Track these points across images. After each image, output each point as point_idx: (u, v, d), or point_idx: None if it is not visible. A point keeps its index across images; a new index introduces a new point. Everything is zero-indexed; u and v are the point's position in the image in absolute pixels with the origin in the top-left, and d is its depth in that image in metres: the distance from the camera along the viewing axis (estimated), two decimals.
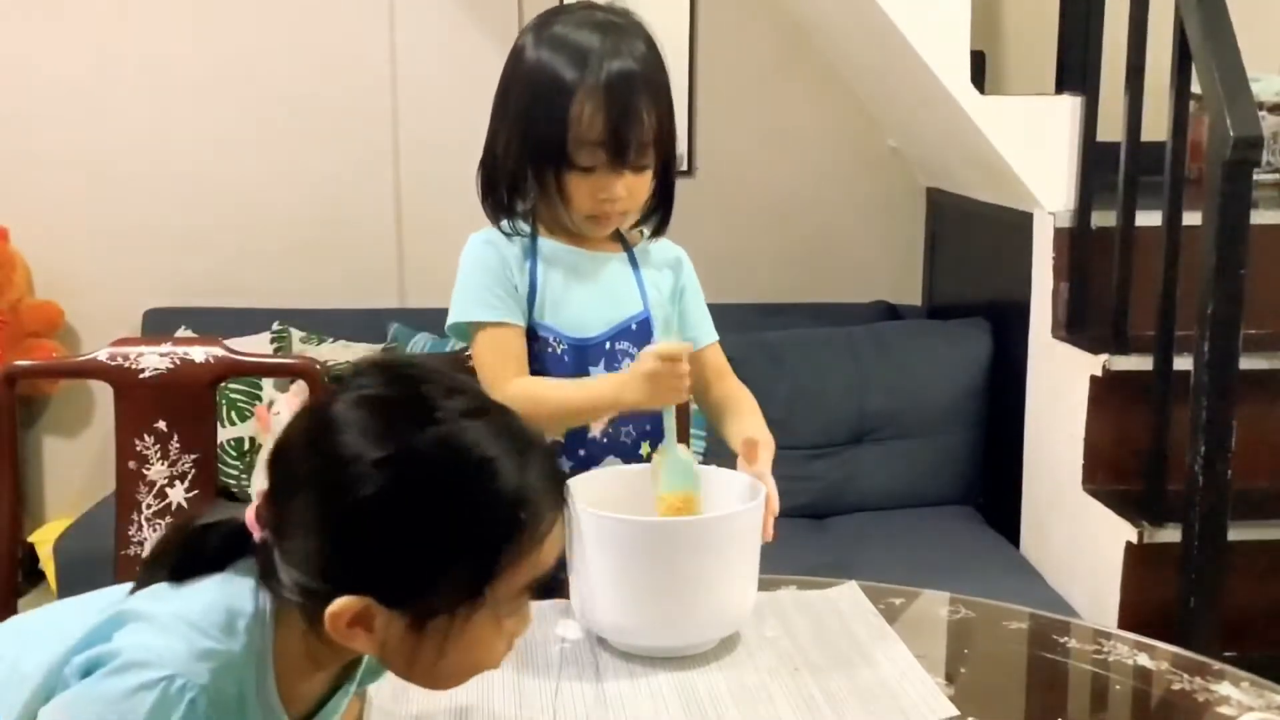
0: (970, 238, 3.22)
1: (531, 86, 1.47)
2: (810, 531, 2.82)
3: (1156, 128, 2.44)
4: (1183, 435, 2.16)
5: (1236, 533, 2.16)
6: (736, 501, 1.35)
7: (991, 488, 3.01)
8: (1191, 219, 2.24)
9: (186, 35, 3.30)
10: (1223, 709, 1.22)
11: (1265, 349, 2.38)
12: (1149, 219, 2.43)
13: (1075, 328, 2.61)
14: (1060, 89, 2.80)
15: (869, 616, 1.41)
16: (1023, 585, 2.52)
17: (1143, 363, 2.38)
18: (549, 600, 1.43)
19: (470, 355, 1.53)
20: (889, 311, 3.38)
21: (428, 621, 0.89)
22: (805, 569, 1.61)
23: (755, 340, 2.93)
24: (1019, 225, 2.77)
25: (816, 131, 3.47)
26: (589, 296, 1.54)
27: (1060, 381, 2.62)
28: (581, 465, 1.50)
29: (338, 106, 3.35)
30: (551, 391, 1.47)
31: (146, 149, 3.33)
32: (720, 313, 1.67)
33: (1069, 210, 2.61)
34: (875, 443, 2.97)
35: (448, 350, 1.85)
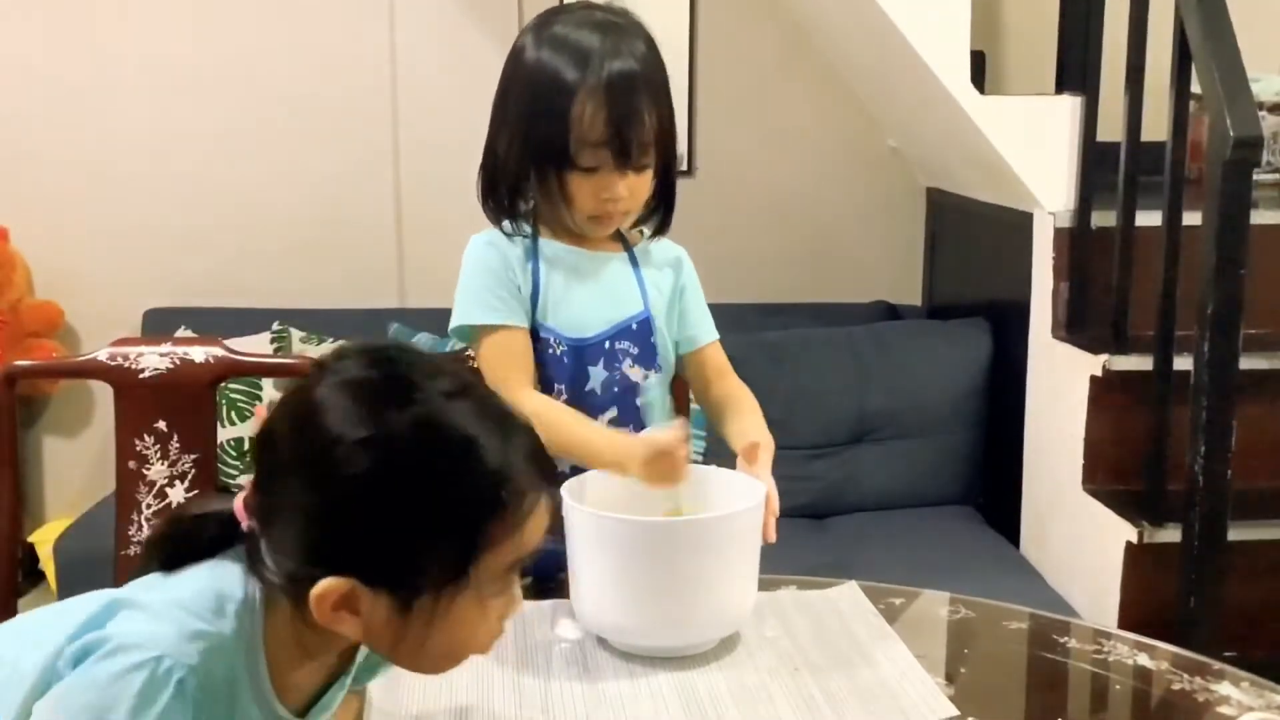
0: (970, 238, 3.22)
1: (532, 87, 1.47)
2: (810, 531, 2.82)
3: (1156, 128, 2.44)
4: (1183, 435, 2.17)
5: (1236, 533, 2.17)
6: (737, 502, 1.35)
7: (991, 488, 3.01)
8: (1191, 219, 2.24)
9: (186, 35, 3.30)
10: (1223, 709, 1.22)
11: (1265, 349, 2.39)
12: (1149, 219, 2.43)
13: (1075, 328, 2.61)
14: (1060, 89, 2.80)
15: (869, 616, 1.41)
16: (1023, 585, 2.52)
17: (1143, 363, 2.38)
18: (549, 600, 1.43)
19: (473, 356, 1.54)
20: (889, 311, 3.38)
21: (413, 602, 0.89)
22: (805, 569, 1.61)
23: (755, 340, 2.93)
24: (1019, 225, 2.77)
25: (816, 131, 3.47)
26: (589, 296, 1.54)
27: (1060, 381, 2.62)
28: (582, 465, 1.50)
29: (338, 106, 3.35)
30: (560, 424, 1.42)
31: (146, 149, 3.33)
32: (720, 313, 1.67)
33: (1069, 210, 2.61)
34: (875, 443, 2.97)
35: (448, 350, 1.85)
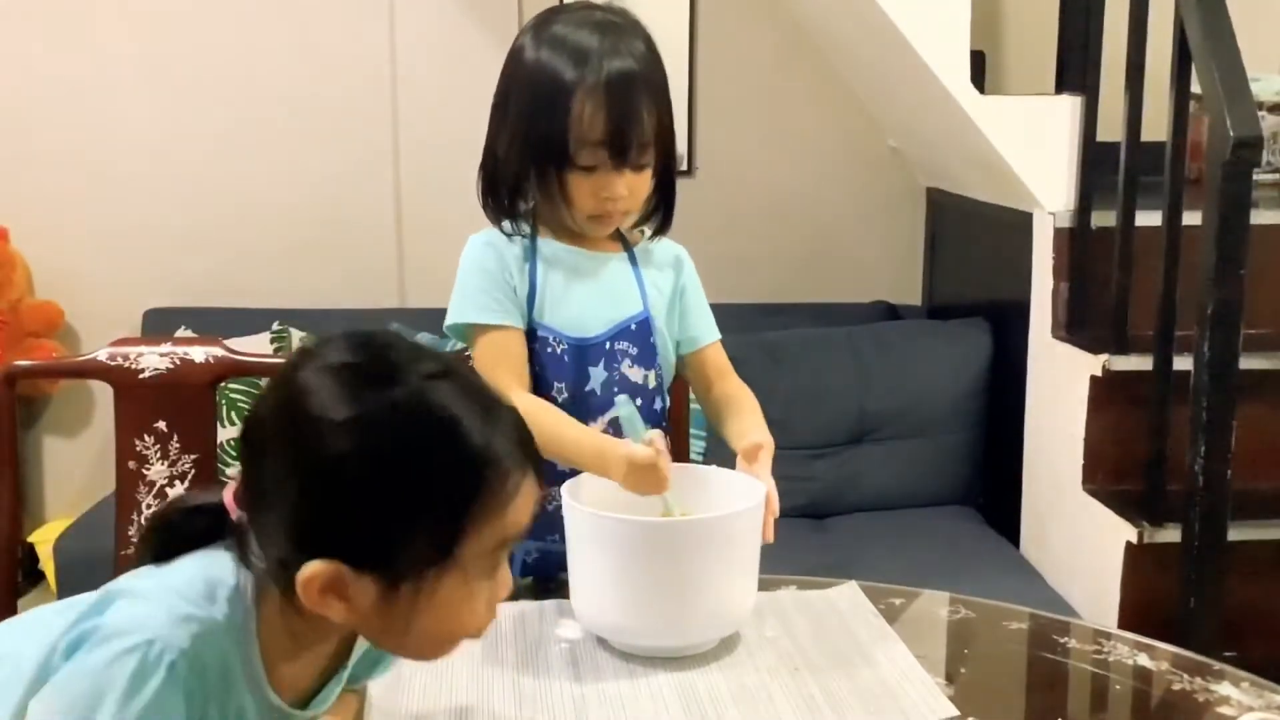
0: (970, 238, 3.22)
1: (531, 87, 1.47)
2: (810, 531, 2.82)
3: (1156, 128, 2.44)
4: (1183, 435, 2.17)
5: (1236, 533, 2.17)
6: (737, 502, 1.34)
7: (991, 488, 3.01)
8: (1191, 219, 2.23)
9: (186, 35, 3.30)
10: (1223, 709, 1.22)
11: (1265, 349, 2.39)
12: (1149, 219, 2.43)
13: (1075, 328, 2.61)
14: (1060, 89, 2.79)
15: (869, 616, 1.41)
16: (1023, 585, 2.52)
17: (1143, 363, 2.38)
18: (549, 600, 1.43)
19: (469, 355, 1.54)
20: (889, 311, 3.38)
21: (399, 585, 0.89)
22: (805, 569, 1.61)
23: (755, 340, 2.93)
24: (1019, 225, 2.77)
25: (816, 131, 3.47)
26: (589, 296, 1.54)
27: (1060, 381, 2.62)
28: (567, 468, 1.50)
29: (337, 106, 3.35)
30: (548, 426, 1.41)
31: (146, 149, 3.33)
32: (720, 313, 1.67)
33: (1069, 210, 2.61)
34: (875, 443, 2.97)
35: (447, 350, 1.85)
